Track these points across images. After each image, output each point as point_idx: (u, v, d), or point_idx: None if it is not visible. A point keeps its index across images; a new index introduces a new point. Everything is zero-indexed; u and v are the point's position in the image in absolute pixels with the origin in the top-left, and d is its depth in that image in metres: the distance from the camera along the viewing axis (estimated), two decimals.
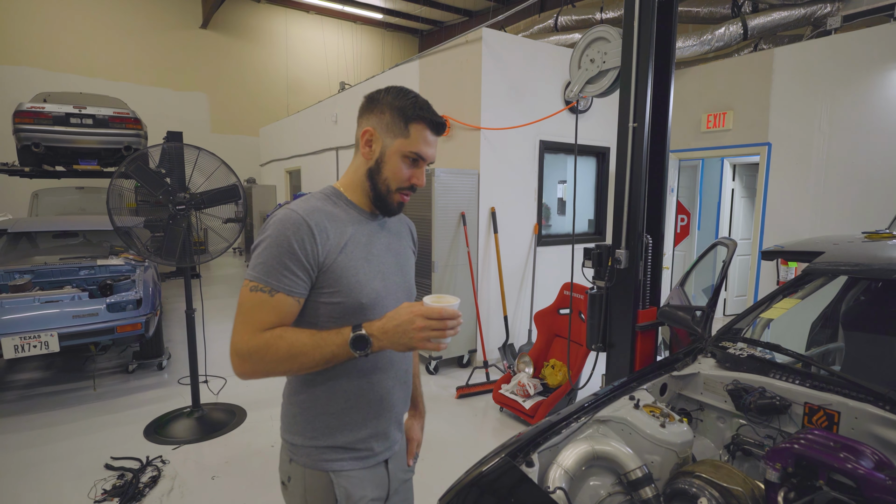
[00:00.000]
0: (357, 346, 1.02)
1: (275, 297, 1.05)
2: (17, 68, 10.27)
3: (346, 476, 1.16)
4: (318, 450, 1.16)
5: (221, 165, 3.43)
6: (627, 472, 1.36)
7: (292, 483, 1.19)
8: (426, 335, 0.99)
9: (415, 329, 0.99)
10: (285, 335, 1.04)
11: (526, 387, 3.65)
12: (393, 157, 1.14)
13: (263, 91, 13.65)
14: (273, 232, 1.06)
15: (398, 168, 1.14)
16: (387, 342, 1.02)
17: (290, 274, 1.05)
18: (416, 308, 1.01)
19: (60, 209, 7.14)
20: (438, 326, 0.99)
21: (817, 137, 4.78)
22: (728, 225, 6.79)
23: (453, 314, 1.00)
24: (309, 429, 1.16)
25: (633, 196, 2.70)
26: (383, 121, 1.13)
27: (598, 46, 2.87)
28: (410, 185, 1.17)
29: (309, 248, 1.06)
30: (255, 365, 1.04)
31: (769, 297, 2.07)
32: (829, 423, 1.47)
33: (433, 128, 1.15)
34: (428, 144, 1.15)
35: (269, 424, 3.58)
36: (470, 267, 4.65)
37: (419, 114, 1.12)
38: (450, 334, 1.01)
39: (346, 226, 1.15)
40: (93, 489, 2.77)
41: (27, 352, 3.44)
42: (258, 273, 1.05)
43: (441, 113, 5.23)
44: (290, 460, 1.19)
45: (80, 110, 6.56)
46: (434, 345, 1.01)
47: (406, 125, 1.12)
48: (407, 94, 1.14)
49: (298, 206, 1.11)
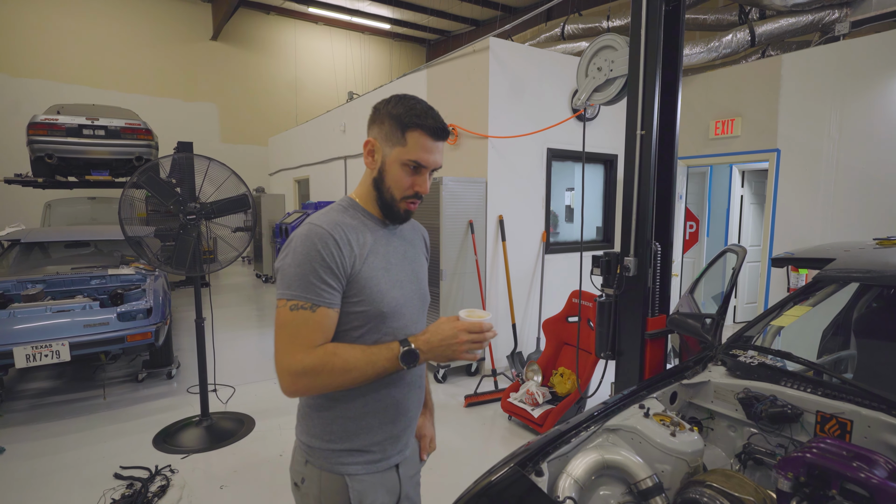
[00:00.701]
0: (407, 361, 1.08)
1: (317, 311, 1.06)
2: (31, 81, 10.48)
3: (360, 480, 1.17)
4: (334, 453, 1.17)
5: (231, 175, 3.46)
6: (638, 482, 1.35)
7: (306, 484, 1.20)
8: (468, 347, 1.07)
9: (458, 343, 1.07)
10: (338, 352, 1.06)
11: (535, 395, 3.63)
12: (393, 167, 1.15)
13: (272, 101, 13.80)
14: (302, 248, 1.07)
15: (399, 177, 1.15)
16: (431, 355, 1.09)
17: (328, 287, 1.07)
18: (458, 323, 1.08)
19: (72, 219, 7.24)
20: (479, 339, 1.08)
21: (826, 143, 4.75)
22: (737, 232, 6.75)
23: (490, 327, 1.10)
24: (327, 432, 1.17)
25: (642, 203, 2.69)
26: (383, 130, 1.15)
27: (606, 55, 2.88)
28: (414, 192, 1.17)
29: (338, 259, 1.08)
30: (311, 381, 1.06)
31: (780, 305, 2.06)
32: (841, 431, 1.45)
33: (432, 134, 1.13)
34: (427, 151, 1.13)
35: (278, 433, 3.58)
36: (478, 275, 4.65)
37: (415, 121, 1.11)
38: (486, 346, 1.11)
39: (366, 235, 1.16)
40: (102, 499, 2.78)
41: (38, 361, 3.48)
42: (295, 291, 1.06)
43: (449, 122, 5.25)
44: (306, 462, 1.20)
45: (93, 122, 6.67)
46: (472, 356, 1.11)
47: (403, 133, 1.12)
48: (406, 101, 1.14)
49: (320, 220, 1.12)
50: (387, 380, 1.18)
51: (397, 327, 1.17)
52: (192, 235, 3.35)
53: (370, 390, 1.17)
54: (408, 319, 1.21)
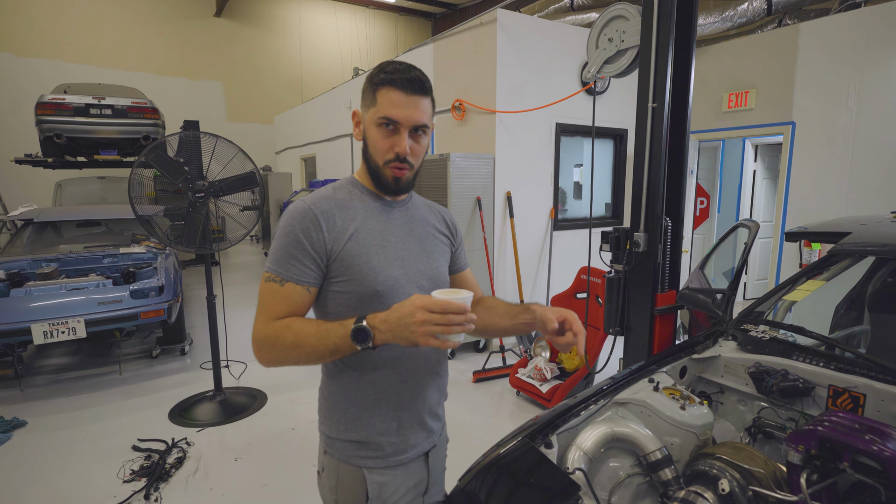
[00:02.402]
0: (358, 339, 0.97)
1: (285, 286, 1.06)
2: (36, 60, 10.43)
3: (379, 473, 1.15)
4: (351, 444, 1.15)
5: (238, 153, 3.45)
6: (647, 454, 1.36)
7: (325, 474, 1.21)
8: (427, 329, 0.90)
9: (415, 322, 0.90)
10: (293, 325, 1.04)
11: (543, 371, 3.65)
12: (370, 129, 1.11)
13: (277, 79, 13.66)
14: (282, 223, 1.09)
15: (376, 139, 1.10)
16: (389, 335, 0.95)
17: (298, 263, 1.06)
18: (418, 300, 0.92)
19: (83, 199, 7.29)
20: (441, 321, 0.89)
21: (844, 115, 4.64)
22: (749, 207, 6.66)
23: (459, 308, 0.90)
24: (342, 421, 1.16)
25: (652, 178, 2.66)
26: (364, 98, 1.13)
27: (617, 25, 2.80)
28: (395, 155, 1.09)
29: (315, 236, 1.07)
30: (268, 353, 1.05)
31: (792, 280, 2.03)
32: (854, 405, 1.44)
33: (403, 87, 1.06)
34: (398, 106, 1.06)
35: (289, 408, 3.65)
36: (486, 252, 4.64)
37: (383, 77, 1.07)
38: (455, 330, 0.91)
39: (357, 212, 1.13)
40: (121, 469, 2.86)
41: (56, 338, 3.54)
42: (271, 263, 1.08)
43: (456, 97, 5.18)
44: (325, 452, 1.20)
45: (100, 101, 6.67)
46: (439, 342, 0.92)
47: (374, 93, 1.09)
48: (383, 64, 1.10)
49: (308, 197, 1.12)
50: (396, 365, 1.14)
51: None
52: (201, 214, 3.37)
53: (379, 376, 1.14)
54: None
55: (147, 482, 2.71)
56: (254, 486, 2.74)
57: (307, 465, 2.91)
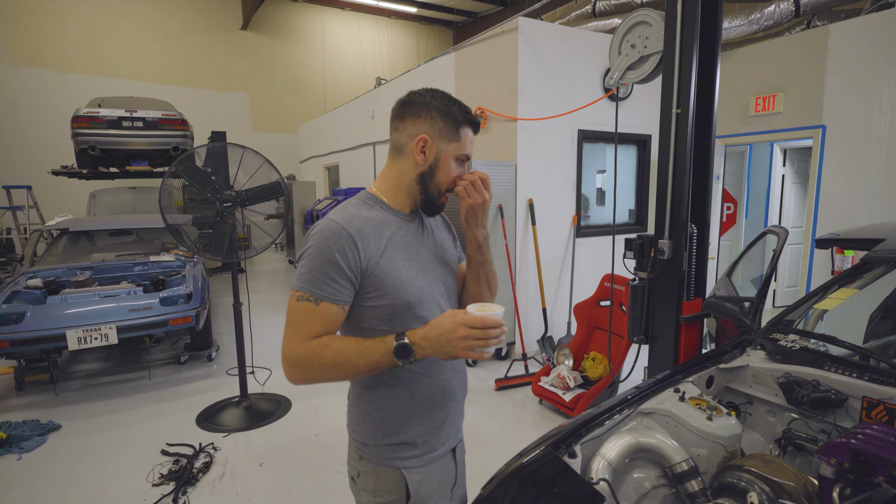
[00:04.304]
0: (400, 355, 1.03)
1: (320, 305, 1.07)
2: (72, 76, 10.86)
3: (417, 471, 1.19)
4: (389, 447, 1.19)
5: (265, 163, 3.53)
6: (673, 465, 1.34)
7: (362, 479, 1.23)
8: (468, 344, 0.99)
9: (457, 338, 0.99)
10: (331, 344, 1.06)
11: (566, 379, 3.62)
12: (447, 162, 1.19)
13: (302, 89, 13.93)
14: (315, 243, 1.09)
15: (450, 170, 1.20)
16: (430, 350, 1.03)
17: (333, 283, 1.08)
18: (458, 317, 1.01)
19: (115, 208, 7.53)
20: (481, 336, 0.99)
21: (877, 118, 4.51)
22: (778, 213, 6.50)
23: (496, 323, 0.99)
24: (379, 429, 1.19)
25: (677, 185, 2.62)
26: (435, 127, 1.16)
27: (639, 31, 2.78)
28: (455, 183, 1.21)
29: (351, 256, 1.08)
30: (304, 372, 1.07)
31: (823, 288, 1.98)
32: (889, 418, 1.40)
33: (475, 128, 1.22)
34: (472, 145, 1.21)
35: (313, 414, 3.68)
36: (508, 259, 4.63)
37: (466, 118, 1.18)
38: (493, 343, 1.00)
39: (385, 228, 1.16)
40: (150, 473, 2.93)
41: (89, 343, 3.66)
42: (303, 283, 1.08)
43: (477, 105, 5.22)
44: (360, 458, 1.22)
45: (131, 114, 6.89)
46: (477, 354, 1.02)
47: (457, 129, 1.17)
48: (451, 98, 1.19)
49: (337, 216, 1.13)
50: (428, 369, 1.19)
51: (427, 316, 1.15)
52: (228, 223, 3.44)
53: (414, 381, 1.18)
54: (437, 307, 1.20)
55: (175, 486, 2.77)
56: (278, 491, 2.78)
57: (331, 471, 2.93)
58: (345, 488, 1.23)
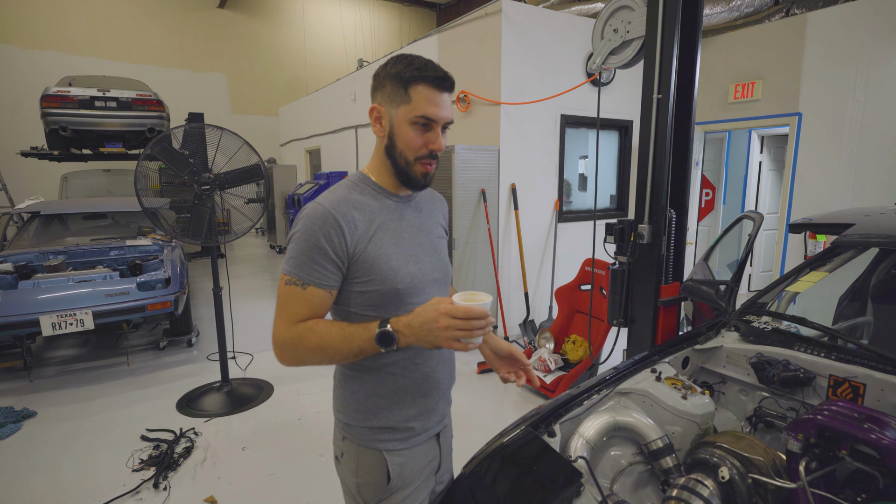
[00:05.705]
0: (383, 342, 1.02)
1: (307, 289, 1.07)
2: (41, 52, 10.44)
3: (398, 454, 1.20)
4: (371, 430, 1.19)
5: (244, 146, 3.46)
6: (648, 443, 1.38)
7: (345, 458, 1.24)
8: (451, 335, 0.96)
9: (439, 328, 0.96)
10: (316, 328, 1.06)
11: (547, 362, 3.68)
12: (402, 127, 1.10)
13: (282, 71, 13.64)
14: (302, 227, 1.08)
15: (410, 136, 1.10)
16: (413, 339, 1.00)
17: (320, 267, 1.07)
18: (441, 306, 0.97)
19: (89, 191, 7.33)
20: (464, 326, 0.95)
21: (851, 106, 4.60)
22: (755, 199, 6.63)
23: (481, 313, 0.95)
24: (361, 410, 1.19)
25: (657, 170, 2.65)
26: (385, 93, 1.11)
27: (622, 15, 2.79)
28: (429, 151, 1.12)
29: (336, 240, 1.06)
30: (291, 354, 1.07)
31: (796, 271, 2.04)
32: (854, 395, 1.45)
33: (436, 84, 1.08)
34: (434, 104, 1.08)
35: (295, 399, 3.68)
36: (490, 244, 4.65)
37: (416, 74, 1.07)
38: (477, 334, 0.97)
39: (375, 213, 1.14)
40: (130, 459, 2.90)
41: (64, 329, 3.59)
42: (291, 267, 1.08)
43: (461, 88, 5.16)
44: (343, 438, 1.23)
45: (104, 93, 6.67)
46: (461, 345, 0.98)
47: (406, 90, 1.08)
48: (404, 59, 1.10)
49: (325, 199, 1.11)
50: (414, 356, 1.19)
51: (418, 303, 1.10)
52: (206, 206, 3.39)
53: (398, 367, 1.18)
54: (429, 294, 1.18)
55: (156, 471, 2.75)
56: (261, 474, 2.78)
57: (314, 455, 2.95)
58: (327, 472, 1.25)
